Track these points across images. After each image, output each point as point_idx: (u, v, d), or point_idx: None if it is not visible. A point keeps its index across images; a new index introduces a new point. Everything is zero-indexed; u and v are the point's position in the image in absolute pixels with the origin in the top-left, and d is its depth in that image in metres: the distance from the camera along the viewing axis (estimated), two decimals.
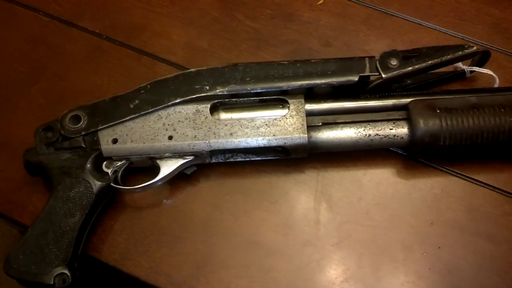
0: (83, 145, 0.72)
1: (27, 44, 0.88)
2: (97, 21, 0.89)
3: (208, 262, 0.73)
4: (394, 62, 0.73)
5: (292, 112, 0.73)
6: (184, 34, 0.89)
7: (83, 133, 0.72)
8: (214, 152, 0.74)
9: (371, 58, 0.74)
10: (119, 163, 0.73)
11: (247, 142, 0.72)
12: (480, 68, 0.80)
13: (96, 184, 0.71)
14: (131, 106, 0.73)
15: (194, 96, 0.73)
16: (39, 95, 0.84)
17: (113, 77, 0.85)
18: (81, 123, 0.73)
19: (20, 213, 0.76)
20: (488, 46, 0.85)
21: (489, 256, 0.71)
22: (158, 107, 0.73)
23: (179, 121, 0.73)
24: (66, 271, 0.68)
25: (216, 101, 0.74)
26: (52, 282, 0.67)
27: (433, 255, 0.72)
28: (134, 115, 0.73)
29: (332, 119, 0.74)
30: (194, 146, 0.72)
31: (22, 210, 0.76)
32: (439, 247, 0.72)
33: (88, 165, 0.72)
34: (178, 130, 0.72)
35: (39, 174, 0.75)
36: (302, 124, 0.72)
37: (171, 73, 0.75)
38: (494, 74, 0.79)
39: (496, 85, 0.80)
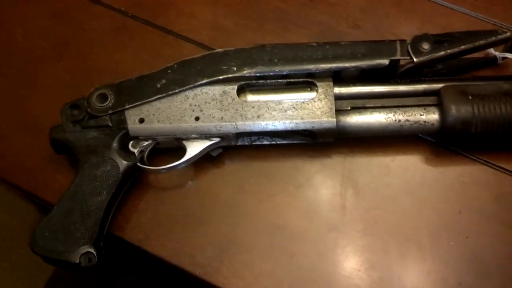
0: (109, 124, 0.72)
1: (50, 20, 0.87)
2: None
3: (231, 244, 0.72)
4: (426, 46, 0.72)
5: (321, 95, 0.72)
6: (210, 13, 0.87)
7: (110, 111, 0.72)
8: (240, 135, 0.73)
9: (402, 41, 0.72)
10: (146, 143, 0.73)
11: (274, 125, 0.71)
12: None
13: (123, 163, 0.71)
14: (158, 86, 0.72)
15: (221, 77, 0.72)
16: (64, 72, 0.83)
17: (137, 55, 0.84)
18: (108, 102, 0.72)
19: (44, 191, 0.76)
20: None
21: None
22: (185, 88, 0.72)
23: (205, 102, 0.72)
24: (92, 250, 0.67)
25: (243, 82, 0.73)
26: (78, 261, 0.67)
27: (460, 244, 0.71)
28: (161, 95, 0.72)
29: (361, 104, 0.73)
30: (220, 127, 0.71)
31: (47, 188, 0.76)
32: (467, 236, 0.71)
33: (115, 144, 0.71)
34: (204, 111, 0.72)
35: (65, 152, 0.74)
36: (331, 108, 0.71)
37: (196, 52, 0.74)
38: None
39: None
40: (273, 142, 0.76)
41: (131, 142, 0.72)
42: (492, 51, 0.79)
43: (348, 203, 0.74)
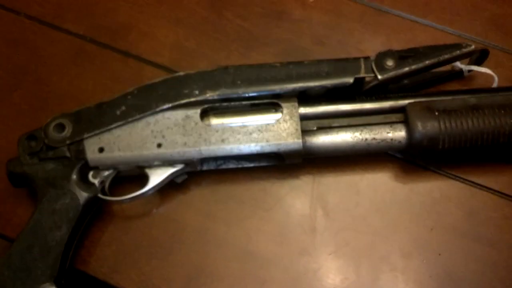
0: (68, 154, 0.69)
1: (7, 47, 0.84)
2: (80, 23, 0.85)
3: (201, 273, 0.70)
4: (390, 62, 0.71)
5: (286, 116, 0.70)
6: (172, 34, 0.85)
7: (68, 142, 0.69)
8: (205, 160, 0.71)
9: (366, 58, 0.71)
10: (106, 172, 0.70)
11: (239, 149, 0.69)
12: (479, 67, 0.78)
13: (83, 195, 0.68)
14: (118, 112, 0.70)
15: (183, 101, 0.70)
16: (22, 101, 0.80)
17: (98, 80, 0.82)
18: (66, 132, 0.70)
19: (3, 225, 0.73)
20: (486, 43, 0.83)
21: (490, 262, 0.70)
22: (146, 113, 0.70)
23: (168, 127, 0.70)
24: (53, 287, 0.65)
25: (206, 106, 0.71)
26: None
27: (433, 262, 0.70)
28: (121, 122, 0.70)
29: (327, 123, 0.71)
30: (184, 153, 0.69)
31: (6, 222, 0.73)
32: (439, 254, 0.70)
33: (74, 176, 0.69)
34: (167, 137, 0.69)
35: (23, 185, 0.71)
36: (296, 129, 0.69)
37: (159, 75, 0.72)
38: (492, 73, 0.77)
39: (495, 84, 0.77)
40: (240, 166, 0.74)
41: (91, 172, 0.70)
42: (458, 64, 0.78)
43: (319, 225, 0.73)
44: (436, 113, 0.69)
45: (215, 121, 0.72)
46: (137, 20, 0.86)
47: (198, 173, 0.73)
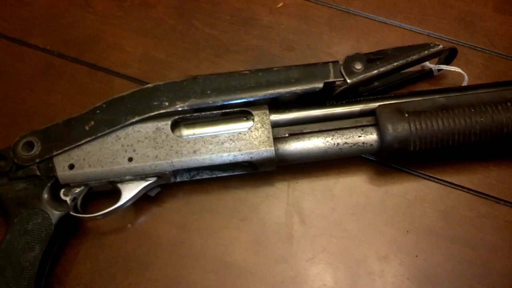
0: (38, 173, 0.68)
1: None
2: (47, 37, 0.85)
3: (178, 287, 0.69)
4: (358, 66, 0.71)
5: (257, 124, 0.70)
6: (140, 45, 0.85)
7: (37, 160, 0.68)
8: (178, 172, 0.70)
9: (335, 63, 0.71)
10: (78, 189, 0.69)
11: (211, 159, 0.69)
12: (448, 66, 0.78)
13: (55, 214, 0.67)
14: (87, 128, 0.69)
15: (153, 114, 0.69)
16: None
17: (67, 95, 0.81)
18: (35, 150, 0.69)
19: None
20: (455, 41, 0.83)
21: (467, 261, 0.70)
22: (116, 128, 0.69)
23: (138, 141, 0.69)
24: None
25: (177, 117, 0.70)
26: None
27: (410, 264, 0.70)
28: (90, 138, 0.69)
29: (298, 129, 0.71)
30: (156, 166, 0.68)
31: None
32: (416, 255, 0.70)
33: (45, 195, 0.68)
34: (138, 151, 0.69)
35: None
36: (268, 137, 0.69)
37: (128, 87, 0.72)
38: (462, 71, 0.77)
39: (465, 82, 0.78)
40: (214, 175, 0.73)
41: (62, 190, 0.69)
42: (427, 64, 0.79)
43: (295, 232, 0.72)
44: (406, 115, 0.69)
45: (186, 132, 0.71)
46: (105, 32, 0.86)
47: (171, 185, 0.73)
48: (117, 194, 0.69)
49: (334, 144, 0.70)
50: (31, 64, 0.83)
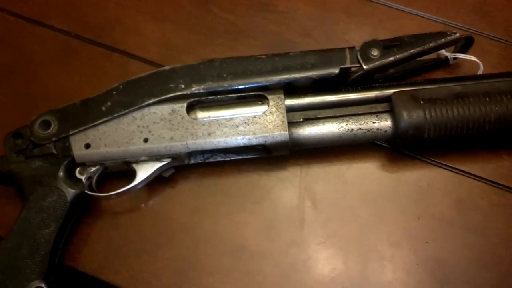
0: (54, 151, 0.69)
1: None
2: (65, 19, 0.85)
3: (190, 268, 0.70)
4: (375, 52, 0.71)
5: (272, 108, 0.70)
6: (157, 29, 0.85)
7: (53, 139, 0.69)
8: (192, 153, 0.71)
9: (352, 49, 0.71)
10: (93, 168, 0.70)
11: (226, 142, 0.69)
12: (464, 55, 0.78)
13: (70, 192, 0.68)
14: (103, 108, 0.70)
15: (169, 96, 0.70)
16: (7, 99, 0.80)
17: (84, 77, 0.82)
18: (52, 129, 0.69)
19: None
20: (471, 31, 0.83)
21: (478, 249, 0.70)
22: (132, 109, 0.70)
23: (154, 122, 0.70)
24: (43, 285, 0.65)
25: (192, 99, 0.70)
26: None
27: (421, 250, 0.70)
28: (107, 118, 0.69)
29: (313, 114, 0.71)
30: (171, 148, 0.69)
31: None
32: (427, 242, 0.71)
33: (61, 173, 0.69)
34: (153, 132, 0.69)
35: (10, 184, 0.71)
36: (283, 121, 0.69)
37: (145, 71, 0.72)
38: (478, 60, 0.77)
39: (480, 71, 0.78)
40: (227, 158, 0.74)
41: (78, 169, 0.70)
42: (443, 52, 0.78)
43: (307, 216, 0.73)
44: (422, 102, 0.69)
45: (201, 114, 0.71)
46: (123, 15, 0.86)
47: (185, 166, 0.73)
48: (132, 174, 0.70)
49: (348, 129, 0.71)
50: (48, 45, 0.84)
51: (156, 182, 0.73)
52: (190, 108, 0.71)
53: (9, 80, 0.81)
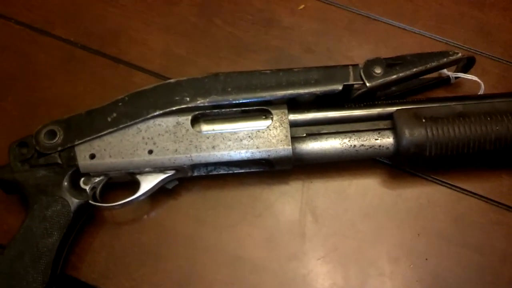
0: (59, 161, 0.69)
1: None
2: (70, 29, 0.86)
3: (191, 279, 0.71)
4: (378, 70, 0.72)
5: (276, 123, 0.71)
6: (162, 41, 0.86)
7: (59, 148, 0.70)
8: (195, 166, 0.72)
9: (355, 66, 0.72)
10: (98, 179, 0.71)
11: (230, 155, 0.70)
12: (465, 74, 0.79)
13: (74, 202, 0.69)
14: (109, 119, 0.70)
15: (174, 108, 0.71)
16: (12, 107, 0.80)
17: (88, 86, 0.82)
18: (57, 139, 0.70)
19: None
20: (472, 50, 0.85)
21: (476, 267, 0.71)
22: (137, 120, 0.70)
23: (159, 134, 0.70)
24: None
25: (197, 112, 0.71)
26: None
27: (420, 267, 0.71)
28: (112, 129, 0.70)
29: (316, 130, 0.72)
30: (175, 160, 0.70)
31: None
32: (426, 259, 0.71)
33: (65, 183, 0.69)
34: (158, 144, 0.70)
35: (14, 192, 0.72)
36: (286, 136, 0.70)
37: (149, 82, 0.73)
38: (479, 80, 0.78)
39: (481, 91, 0.79)
40: (230, 172, 0.75)
41: (82, 179, 0.70)
42: (445, 71, 0.80)
43: (308, 231, 0.73)
44: (423, 120, 0.70)
45: (205, 127, 0.72)
46: (127, 26, 0.87)
47: (188, 179, 0.74)
48: (136, 185, 0.71)
49: (351, 145, 0.71)
50: (53, 54, 0.84)
51: (159, 193, 0.73)
52: (195, 121, 0.72)
53: (13, 89, 0.82)
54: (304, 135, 0.72)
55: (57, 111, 0.77)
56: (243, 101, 0.71)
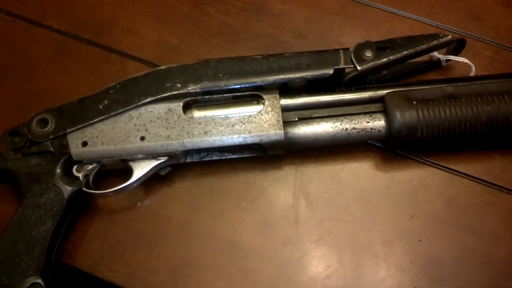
0: (51, 149, 0.70)
1: None
2: (62, 19, 0.86)
3: (186, 265, 0.71)
4: (368, 53, 0.72)
5: (267, 108, 0.71)
6: (154, 30, 0.86)
7: (51, 137, 0.70)
8: (188, 152, 0.72)
9: (346, 50, 0.72)
10: (90, 166, 0.71)
11: (222, 141, 0.70)
12: (456, 57, 0.79)
13: (67, 190, 0.69)
14: (100, 107, 0.71)
15: (165, 95, 0.71)
16: (4, 98, 0.81)
17: (80, 77, 0.82)
18: (49, 127, 0.70)
19: None
20: (463, 34, 0.85)
21: (470, 247, 0.71)
22: (129, 107, 0.70)
23: (151, 121, 0.70)
24: (40, 281, 0.65)
25: (188, 99, 0.71)
26: None
27: (414, 249, 0.71)
28: (104, 116, 0.70)
29: (308, 114, 0.72)
30: (167, 146, 0.70)
31: None
32: (420, 240, 0.72)
33: (58, 170, 0.69)
34: (150, 130, 0.70)
35: (7, 181, 0.72)
36: (278, 120, 0.70)
37: (141, 71, 0.73)
38: (470, 62, 0.78)
39: (472, 73, 0.79)
40: (223, 157, 0.75)
41: (75, 166, 0.70)
42: (435, 54, 0.80)
43: (302, 215, 0.74)
44: (414, 102, 0.70)
45: (197, 113, 0.72)
46: (120, 16, 0.87)
47: (182, 165, 0.74)
48: (128, 172, 0.71)
49: (343, 129, 0.72)
50: (45, 45, 0.85)
51: (152, 180, 0.74)
52: (187, 107, 0.72)
53: (6, 80, 0.82)
54: (296, 119, 0.72)
55: (50, 102, 0.77)
56: (235, 86, 0.71)
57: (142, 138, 0.70)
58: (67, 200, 0.69)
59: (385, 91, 0.72)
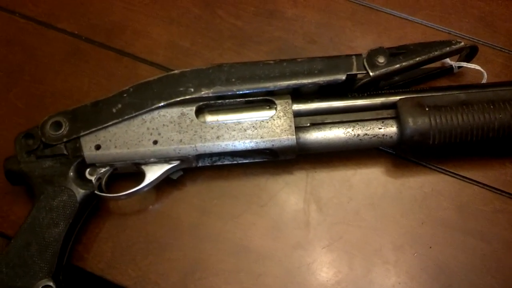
0: (65, 152, 0.70)
1: (3, 47, 0.85)
2: (75, 22, 0.86)
3: (196, 268, 0.71)
4: (381, 59, 0.72)
5: (280, 113, 0.71)
6: (166, 33, 0.86)
7: (64, 139, 0.70)
8: (200, 156, 0.72)
9: (358, 56, 0.73)
10: (103, 169, 0.71)
11: (234, 145, 0.70)
12: (468, 63, 0.79)
13: (80, 192, 0.69)
14: (114, 110, 0.71)
15: (178, 99, 0.71)
16: (17, 100, 0.81)
17: (93, 79, 0.83)
18: (63, 130, 0.70)
19: (1, 223, 0.74)
20: (475, 40, 0.85)
21: (480, 254, 0.71)
22: (142, 111, 0.71)
23: (163, 125, 0.71)
24: (51, 283, 0.66)
25: (201, 103, 0.72)
26: None
27: (424, 255, 0.71)
28: (117, 120, 0.71)
29: (320, 120, 0.73)
30: (180, 150, 0.70)
31: (4, 220, 0.74)
32: (430, 247, 0.72)
33: (71, 173, 0.70)
34: (163, 134, 0.70)
35: (21, 183, 0.72)
36: (290, 126, 0.71)
37: (153, 74, 0.73)
38: (482, 69, 0.79)
39: (484, 80, 0.79)
40: (235, 162, 0.75)
41: (88, 169, 0.71)
42: (448, 60, 0.80)
43: (312, 220, 0.74)
44: (427, 109, 0.70)
45: (210, 118, 0.73)
46: (132, 19, 0.87)
47: (193, 169, 0.75)
48: (141, 176, 0.71)
49: (355, 135, 0.72)
50: (58, 47, 0.85)
51: (164, 184, 0.74)
52: (199, 112, 0.72)
53: (19, 81, 0.82)
54: (308, 124, 0.72)
55: (62, 104, 0.79)
56: (247, 91, 0.72)
57: (155, 142, 0.70)
58: (79, 203, 0.69)
59: (398, 97, 0.72)
